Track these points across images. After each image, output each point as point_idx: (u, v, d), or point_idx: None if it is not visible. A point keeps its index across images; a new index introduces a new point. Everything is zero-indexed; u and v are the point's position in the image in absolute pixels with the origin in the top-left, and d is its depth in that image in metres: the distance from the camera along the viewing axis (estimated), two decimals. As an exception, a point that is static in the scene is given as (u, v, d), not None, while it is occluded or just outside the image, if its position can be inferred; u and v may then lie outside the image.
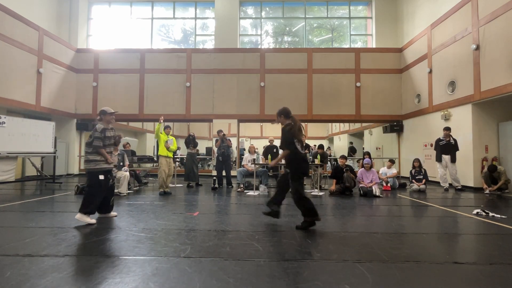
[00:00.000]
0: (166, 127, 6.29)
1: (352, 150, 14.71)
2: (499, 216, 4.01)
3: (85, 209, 3.45)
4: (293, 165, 3.34)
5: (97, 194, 3.58)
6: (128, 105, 10.67)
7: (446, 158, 7.02)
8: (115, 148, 6.11)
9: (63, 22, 11.52)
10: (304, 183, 3.56)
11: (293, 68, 10.64)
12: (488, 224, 3.64)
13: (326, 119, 11.12)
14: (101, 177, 3.60)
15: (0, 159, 7.79)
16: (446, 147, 6.99)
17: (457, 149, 6.98)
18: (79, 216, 3.43)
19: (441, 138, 7.09)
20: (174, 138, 6.47)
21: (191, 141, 7.75)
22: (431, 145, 8.73)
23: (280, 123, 3.55)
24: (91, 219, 3.47)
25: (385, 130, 11.12)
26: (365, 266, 2.22)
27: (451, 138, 7.00)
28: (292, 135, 3.28)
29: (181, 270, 2.12)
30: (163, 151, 6.07)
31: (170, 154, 6.21)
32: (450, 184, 7.30)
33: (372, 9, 11.74)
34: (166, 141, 6.11)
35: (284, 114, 3.46)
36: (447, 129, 7.03)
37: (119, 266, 2.17)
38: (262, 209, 4.06)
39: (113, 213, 3.88)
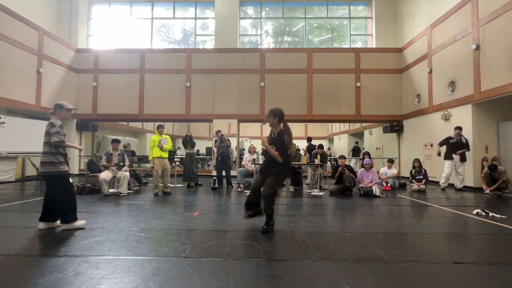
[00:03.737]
0: (159, 127, 6.19)
1: (355, 150, 13.92)
2: (499, 216, 4.01)
3: (68, 218, 3.19)
4: (285, 166, 3.28)
5: (70, 199, 3.23)
6: (128, 105, 10.68)
7: (456, 157, 6.98)
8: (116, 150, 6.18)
9: (63, 22, 11.51)
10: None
11: (293, 68, 10.64)
12: (488, 224, 3.64)
13: (326, 119, 11.12)
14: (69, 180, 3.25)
15: (0, 159, 7.80)
16: (457, 146, 6.95)
17: (468, 149, 6.93)
18: (66, 226, 3.20)
19: (451, 136, 7.05)
20: (168, 136, 6.32)
21: (188, 141, 7.74)
22: (431, 145, 8.73)
23: (269, 124, 3.32)
24: (80, 222, 3.27)
25: (385, 130, 11.12)
26: (365, 266, 2.22)
27: (463, 138, 6.96)
28: (288, 146, 3.21)
29: (181, 270, 2.12)
30: (156, 152, 6.03)
31: (164, 154, 6.11)
32: (451, 185, 7.29)
33: (372, 9, 11.74)
34: (160, 141, 6.03)
35: (279, 116, 3.26)
36: (459, 128, 6.96)
37: (119, 266, 2.17)
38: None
39: (58, 223, 3.32)
